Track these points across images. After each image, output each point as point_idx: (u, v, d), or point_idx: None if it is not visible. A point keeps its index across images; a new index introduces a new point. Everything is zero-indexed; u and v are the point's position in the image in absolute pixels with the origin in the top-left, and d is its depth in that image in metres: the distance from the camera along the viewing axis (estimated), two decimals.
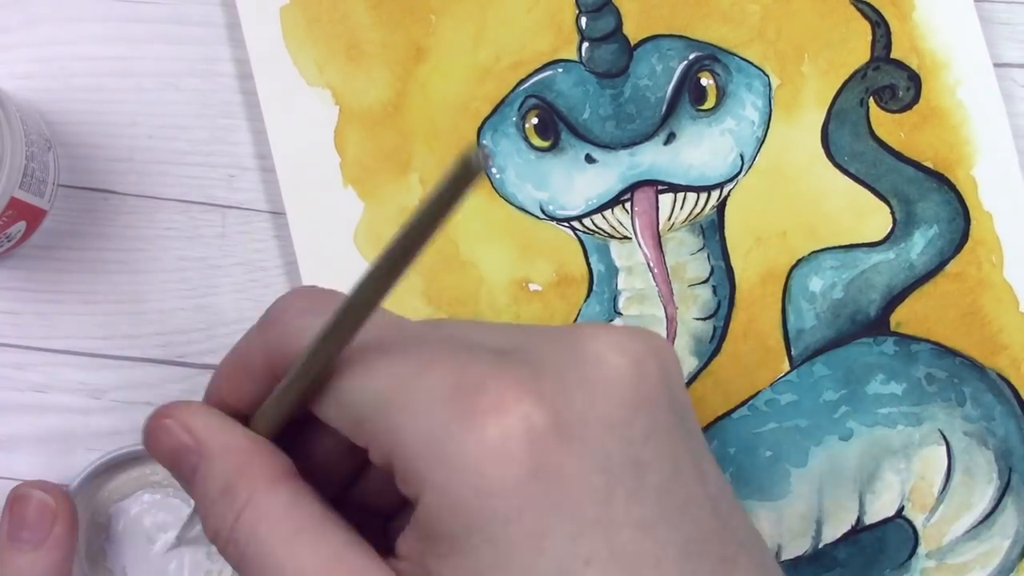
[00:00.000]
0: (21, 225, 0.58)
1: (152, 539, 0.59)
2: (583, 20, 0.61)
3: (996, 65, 0.61)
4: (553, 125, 0.60)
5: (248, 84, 0.61)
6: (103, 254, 0.61)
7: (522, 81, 0.61)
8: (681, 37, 0.61)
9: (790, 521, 0.60)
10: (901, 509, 0.60)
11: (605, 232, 0.61)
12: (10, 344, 0.61)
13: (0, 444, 0.61)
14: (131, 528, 0.59)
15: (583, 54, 0.61)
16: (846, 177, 0.61)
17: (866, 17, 0.61)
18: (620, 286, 0.61)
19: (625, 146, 0.60)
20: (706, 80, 0.61)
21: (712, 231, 0.61)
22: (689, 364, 0.60)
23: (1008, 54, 0.63)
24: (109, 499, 0.59)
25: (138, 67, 0.62)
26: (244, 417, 0.43)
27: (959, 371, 0.60)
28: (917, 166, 0.61)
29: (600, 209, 0.60)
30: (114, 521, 0.59)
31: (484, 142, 0.61)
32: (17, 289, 0.61)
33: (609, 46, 0.61)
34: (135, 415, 0.61)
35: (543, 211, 0.61)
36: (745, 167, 0.61)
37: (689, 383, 0.60)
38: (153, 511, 0.60)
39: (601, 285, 0.61)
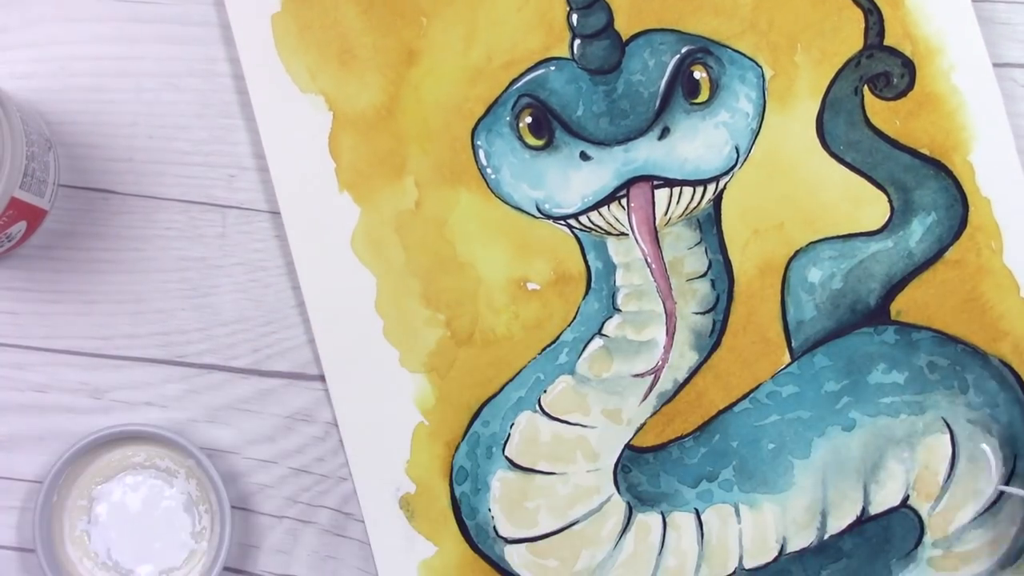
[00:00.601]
0: (21, 225, 0.59)
1: (135, 520, 0.60)
2: (574, 17, 0.61)
3: (996, 65, 0.61)
4: (547, 123, 0.60)
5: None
6: (103, 254, 0.62)
7: (515, 80, 0.61)
8: (673, 31, 0.61)
9: (795, 513, 0.60)
10: (906, 498, 0.60)
11: (602, 229, 0.60)
12: (10, 344, 0.62)
13: (0, 444, 0.61)
14: (114, 510, 0.60)
15: (575, 51, 0.61)
16: (842, 166, 0.61)
17: (858, 4, 0.61)
18: (618, 282, 0.61)
19: (619, 142, 0.60)
20: (699, 73, 0.61)
21: (709, 225, 0.61)
22: (689, 359, 0.60)
23: (1008, 54, 0.62)
24: (91, 482, 0.60)
25: (138, 67, 0.62)
26: None
27: (961, 358, 0.60)
28: (914, 153, 0.61)
29: (596, 206, 0.60)
30: (97, 504, 0.60)
31: (479, 143, 0.61)
32: (17, 289, 0.62)
33: (601, 42, 0.61)
34: (135, 415, 0.61)
35: (539, 210, 0.61)
36: (741, 159, 0.61)
37: (689, 378, 0.60)
38: (135, 492, 0.60)
39: (599, 282, 0.61)
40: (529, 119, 0.60)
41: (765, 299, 0.61)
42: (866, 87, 0.61)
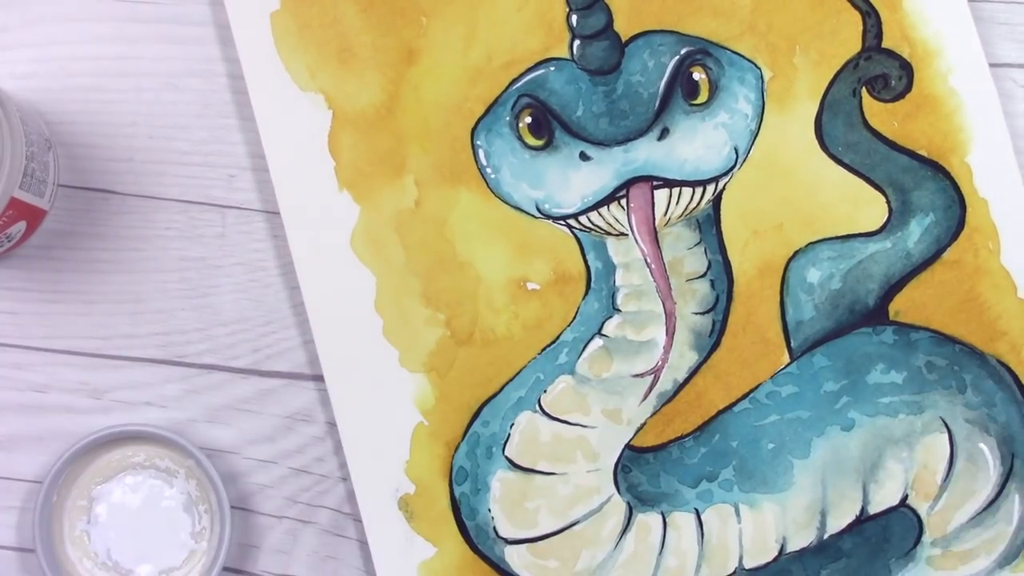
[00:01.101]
0: (21, 225, 0.58)
1: (135, 520, 0.60)
2: (574, 18, 0.61)
3: (995, 65, 0.61)
4: (547, 123, 0.60)
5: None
6: (103, 254, 0.62)
7: (514, 80, 0.61)
8: (672, 32, 0.61)
9: (794, 513, 0.60)
10: (905, 498, 0.60)
11: (602, 229, 0.61)
12: (10, 344, 0.61)
13: (0, 444, 0.61)
14: (114, 510, 0.60)
15: (575, 52, 0.61)
16: (841, 168, 0.61)
17: (856, 7, 0.61)
18: (618, 283, 0.61)
19: (619, 143, 0.60)
20: (698, 74, 0.61)
21: (709, 225, 0.61)
22: (689, 359, 0.61)
23: (1007, 54, 0.63)
24: (91, 482, 0.60)
25: (138, 67, 0.62)
26: None
27: (959, 358, 0.60)
28: (911, 155, 0.61)
29: (596, 206, 0.60)
30: (97, 504, 0.60)
31: (479, 143, 0.61)
32: (17, 289, 0.61)
33: (600, 43, 0.61)
34: (135, 415, 0.61)
35: (539, 210, 0.61)
36: (740, 160, 0.61)
37: (689, 378, 0.61)
38: (135, 493, 0.60)
39: (599, 282, 0.61)
40: (529, 119, 0.60)
41: (764, 299, 0.61)
42: (864, 89, 0.61)
